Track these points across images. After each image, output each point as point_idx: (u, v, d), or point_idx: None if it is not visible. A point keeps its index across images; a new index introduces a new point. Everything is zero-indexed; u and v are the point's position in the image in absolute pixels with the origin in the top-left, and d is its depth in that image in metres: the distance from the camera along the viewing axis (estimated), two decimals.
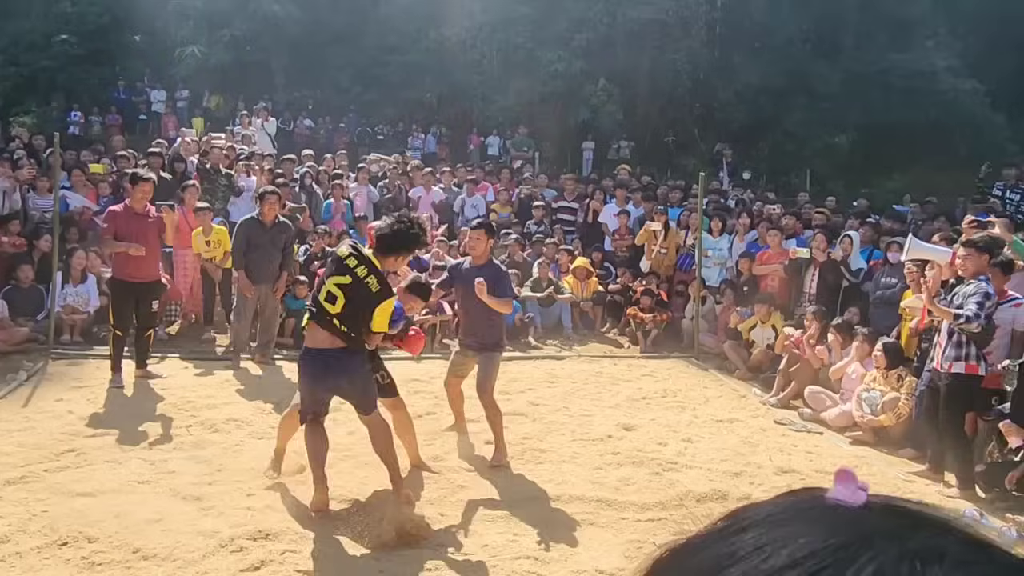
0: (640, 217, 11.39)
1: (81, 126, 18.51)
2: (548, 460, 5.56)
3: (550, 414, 6.66)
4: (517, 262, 10.44)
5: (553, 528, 4.44)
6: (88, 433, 5.64)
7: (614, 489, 5.05)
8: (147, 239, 6.90)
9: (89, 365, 7.52)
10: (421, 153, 18.17)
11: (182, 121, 18.43)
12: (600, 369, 8.52)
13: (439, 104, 21.34)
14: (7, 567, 3.68)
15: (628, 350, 9.60)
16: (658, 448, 5.91)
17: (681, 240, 10.63)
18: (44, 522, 4.14)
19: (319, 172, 12.12)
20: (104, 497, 4.50)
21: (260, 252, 7.68)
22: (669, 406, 7.16)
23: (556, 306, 10.05)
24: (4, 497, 4.46)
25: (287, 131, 18.60)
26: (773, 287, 9.20)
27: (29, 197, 9.84)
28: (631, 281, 10.49)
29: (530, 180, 13.15)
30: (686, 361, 9.06)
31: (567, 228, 11.91)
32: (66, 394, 6.61)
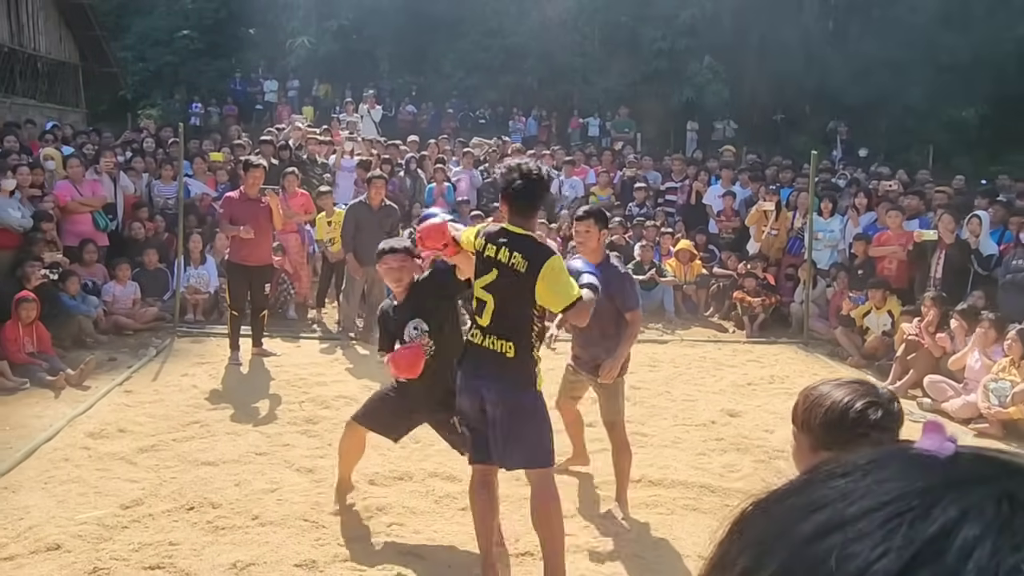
0: (747, 198, 11.04)
1: (201, 117, 19.53)
2: (650, 444, 5.50)
3: (652, 398, 6.58)
4: (618, 245, 10.32)
5: (654, 512, 4.40)
6: (210, 407, 5.98)
7: (718, 475, 4.95)
8: (259, 223, 7.22)
9: (210, 343, 7.97)
10: (522, 136, 18.21)
11: (294, 110, 19.14)
12: (704, 353, 8.34)
13: (540, 87, 21.31)
14: (142, 527, 3.96)
15: (733, 335, 9.35)
16: (764, 435, 5.74)
17: (791, 221, 10.24)
18: (173, 488, 4.44)
19: (423, 157, 12.34)
20: (225, 466, 4.77)
21: (368, 235, 7.90)
22: (776, 393, 6.93)
23: (658, 289, 9.89)
24: (138, 463, 4.80)
25: (390, 117, 19.01)
26: (890, 271, 8.74)
27: (154, 185, 10.46)
28: (737, 264, 10.21)
29: (633, 162, 12.93)
30: (795, 347, 8.74)
31: (669, 211, 11.68)
32: (190, 369, 7.04)
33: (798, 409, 1.68)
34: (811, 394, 1.66)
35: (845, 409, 1.59)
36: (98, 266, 8.79)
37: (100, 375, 6.73)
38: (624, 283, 4.24)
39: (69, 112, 17.44)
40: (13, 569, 3.53)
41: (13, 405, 5.95)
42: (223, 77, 22.12)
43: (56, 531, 3.86)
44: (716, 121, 19.31)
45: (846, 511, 0.45)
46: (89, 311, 7.95)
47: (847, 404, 1.59)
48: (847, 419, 1.58)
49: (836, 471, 0.49)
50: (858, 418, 1.57)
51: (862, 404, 1.59)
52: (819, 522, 0.45)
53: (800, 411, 1.67)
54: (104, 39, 18.51)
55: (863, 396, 1.61)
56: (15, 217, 7.93)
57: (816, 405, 1.62)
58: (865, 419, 1.57)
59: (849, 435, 1.55)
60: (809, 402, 1.65)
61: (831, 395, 1.62)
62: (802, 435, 1.66)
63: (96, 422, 5.51)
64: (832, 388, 1.64)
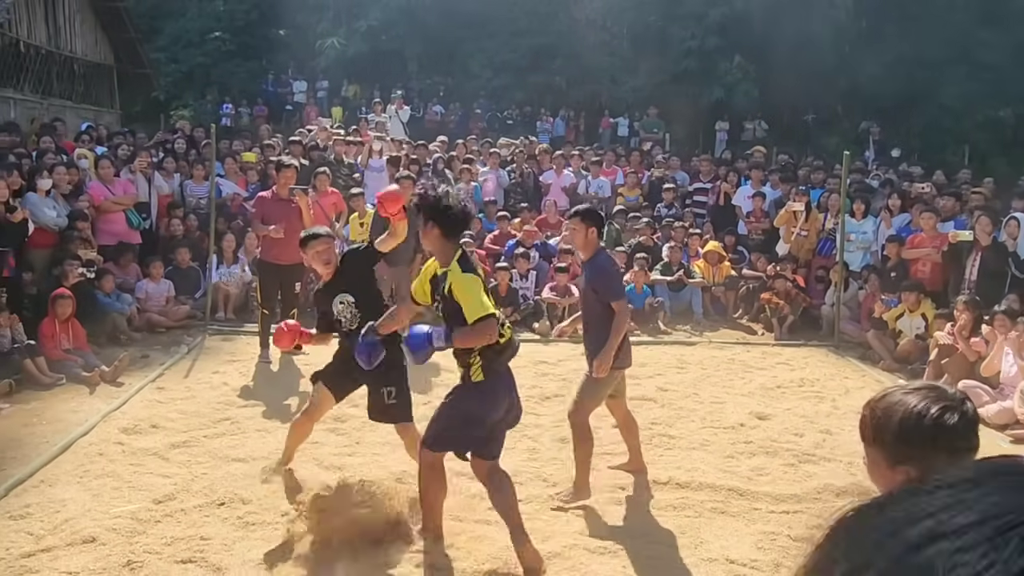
0: (777, 199, 10.92)
1: (232, 117, 19.77)
2: (677, 446, 5.47)
3: (679, 400, 6.55)
4: (647, 246, 10.28)
5: (682, 515, 4.37)
6: (240, 404, 6.06)
7: (746, 479, 4.90)
8: (290, 223, 7.28)
9: (240, 341, 8.07)
10: (549, 137, 18.19)
11: (322, 110, 19.30)
12: (732, 356, 8.28)
13: (568, 87, 21.28)
14: (174, 522, 4.03)
15: (762, 337, 9.26)
16: (794, 439, 5.68)
17: (821, 223, 10.11)
18: (204, 483, 4.50)
19: (451, 157, 12.37)
20: (255, 463, 4.82)
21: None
22: (806, 396, 6.86)
23: (686, 291, 9.83)
24: (170, 459, 4.88)
25: (418, 118, 19.09)
26: (924, 273, 8.60)
27: (186, 185, 10.61)
28: (766, 265, 10.11)
29: (662, 163, 12.86)
30: (825, 350, 8.64)
31: (698, 211, 11.60)
32: (221, 367, 7.13)
33: (866, 423, 1.59)
34: (878, 405, 1.56)
35: (920, 416, 1.49)
36: (131, 265, 8.94)
37: (133, 372, 6.85)
38: (606, 276, 4.47)
39: (104, 113, 17.74)
40: (51, 560, 3.60)
41: (49, 400, 6.08)
42: (253, 78, 22.38)
43: (91, 524, 3.93)
44: (746, 121, 19.14)
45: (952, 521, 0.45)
46: (123, 309, 8.09)
47: (922, 411, 1.50)
48: (923, 426, 1.49)
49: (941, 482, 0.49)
50: (935, 424, 1.48)
51: (937, 409, 1.49)
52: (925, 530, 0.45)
53: (869, 425, 1.58)
54: (138, 41, 18.80)
55: (937, 401, 1.51)
56: (51, 216, 8.09)
57: (887, 416, 1.53)
58: (943, 425, 1.48)
59: (928, 443, 1.48)
60: (879, 414, 1.56)
61: (903, 403, 1.53)
62: (875, 450, 1.57)
63: (130, 418, 5.61)
64: (902, 395, 1.55)
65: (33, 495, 4.31)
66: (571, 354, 8.05)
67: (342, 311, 4.47)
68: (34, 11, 15.36)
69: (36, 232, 7.83)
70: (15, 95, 14.69)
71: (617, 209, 11.43)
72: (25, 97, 15.03)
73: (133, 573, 3.52)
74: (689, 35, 19.57)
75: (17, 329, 6.70)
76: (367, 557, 3.75)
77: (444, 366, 6.09)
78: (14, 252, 7.38)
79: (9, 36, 14.43)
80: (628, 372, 7.28)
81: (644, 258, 9.77)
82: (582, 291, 4.77)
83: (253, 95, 21.41)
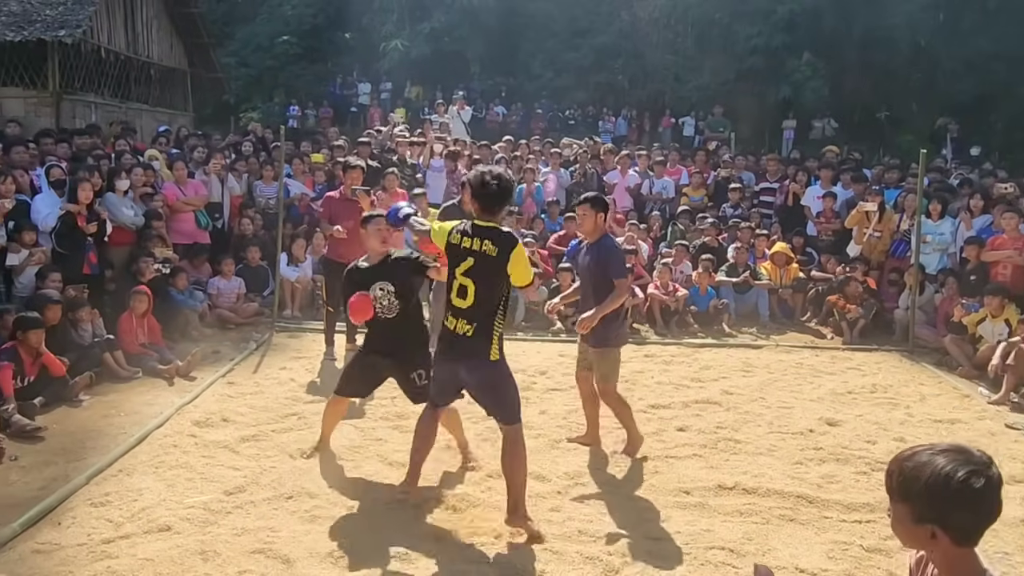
0: (848, 200, 10.59)
1: (298, 119, 20.21)
2: (743, 451, 5.35)
3: (745, 404, 6.41)
4: (712, 247, 10.11)
5: (749, 521, 4.27)
6: (307, 400, 6.17)
7: (816, 486, 4.76)
8: (355, 222, 7.38)
9: (307, 338, 8.23)
10: (612, 136, 18.06)
11: (385, 112, 19.57)
12: (800, 360, 8.07)
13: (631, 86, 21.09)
14: (244, 514, 4.12)
15: (831, 341, 9.00)
16: (866, 446, 5.50)
17: (895, 224, 9.77)
18: (272, 477, 4.60)
19: (513, 158, 12.40)
20: (321, 458, 4.91)
21: None
22: (879, 402, 6.64)
23: (752, 292, 9.63)
24: (240, 452, 5.00)
25: (480, 119, 19.18)
26: (1005, 276, 8.22)
27: (256, 186, 10.89)
28: (836, 267, 9.82)
29: (729, 163, 12.63)
30: (898, 355, 8.35)
31: (765, 212, 11.35)
32: (288, 363, 7.29)
33: (893, 479, 1.67)
34: (907, 464, 1.65)
35: (947, 478, 1.57)
36: (203, 263, 9.22)
37: (205, 366, 7.05)
38: (615, 255, 4.94)
39: (178, 116, 18.35)
40: (129, 547, 3.73)
41: (127, 393, 6.30)
42: (319, 81, 22.84)
43: (166, 513, 4.06)
44: (815, 119, 18.65)
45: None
46: (196, 305, 8.34)
47: (949, 472, 1.57)
48: (949, 488, 1.57)
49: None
50: (961, 487, 1.56)
51: (964, 473, 1.57)
52: None
53: (897, 481, 1.66)
54: (211, 46, 19.39)
55: (965, 464, 1.58)
56: (128, 215, 8.40)
57: (915, 475, 1.62)
58: (968, 488, 1.56)
59: (953, 504, 1.57)
60: (907, 471, 1.64)
61: (931, 464, 1.60)
62: (901, 506, 1.66)
63: (202, 411, 5.78)
64: (930, 456, 1.62)
65: (112, 483, 4.47)
66: (633, 355, 7.98)
67: (381, 297, 4.57)
68: (114, 19, 15.99)
69: (115, 231, 8.14)
70: (96, 99, 15.32)
71: (682, 209, 11.28)
72: (105, 101, 15.66)
73: (206, 562, 3.61)
74: (756, 32, 19.17)
75: (98, 324, 6.97)
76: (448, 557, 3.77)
77: None
78: (95, 250, 7.68)
79: (90, 43, 15.05)
80: (691, 375, 7.25)
81: (709, 259, 9.61)
82: (584, 271, 5.10)
83: (319, 97, 21.84)
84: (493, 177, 3.85)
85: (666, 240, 10.81)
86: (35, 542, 3.76)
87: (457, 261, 3.89)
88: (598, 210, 4.90)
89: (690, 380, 7.12)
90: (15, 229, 7.13)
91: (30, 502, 4.16)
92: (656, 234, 11.08)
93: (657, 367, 7.58)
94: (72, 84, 14.54)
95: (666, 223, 11.33)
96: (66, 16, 14.24)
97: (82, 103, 14.83)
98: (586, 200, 4.97)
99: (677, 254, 9.87)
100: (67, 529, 3.92)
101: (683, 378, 7.17)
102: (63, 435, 5.33)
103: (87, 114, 14.73)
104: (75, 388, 6.07)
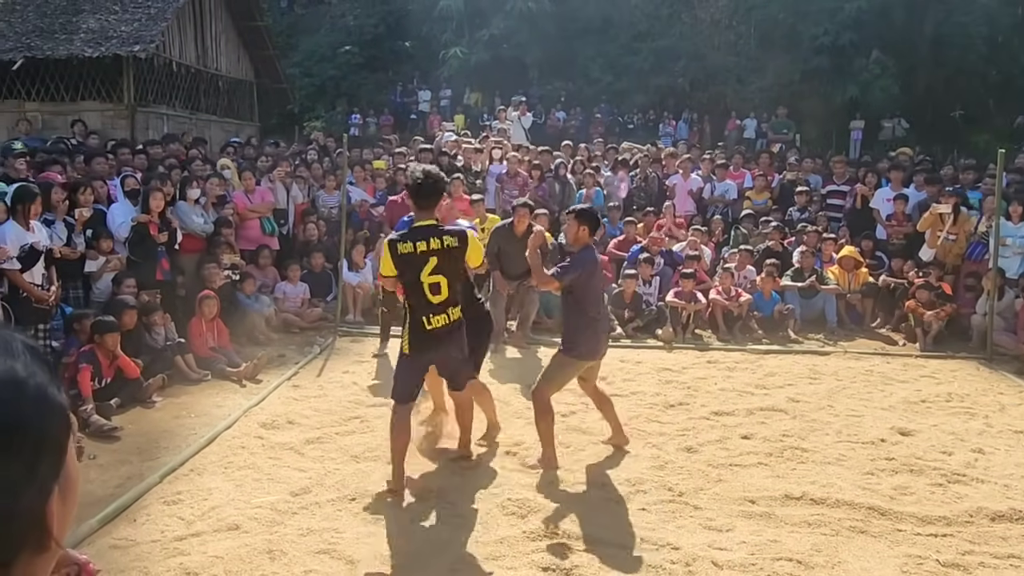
0: (920, 202, 10.21)
1: (360, 127, 20.56)
2: (811, 460, 5.21)
3: (812, 412, 6.23)
4: (776, 251, 9.89)
5: (817, 532, 4.14)
6: (369, 403, 6.25)
7: (888, 497, 4.60)
8: None
9: (369, 342, 8.34)
10: (672, 140, 17.85)
11: (445, 119, 19.76)
12: (870, 367, 7.81)
13: (691, 89, 20.83)
14: (309, 514, 4.20)
15: (904, 348, 8.70)
16: (942, 457, 5.28)
17: (972, 226, 9.39)
18: (337, 479, 4.67)
19: (573, 162, 12.36)
20: (384, 461, 4.95)
21: (510, 259, 8.05)
22: (955, 411, 6.38)
23: (819, 298, 9.37)
24: (305, 454, 5.10)
25: (539, 124, 19.20)
26: None
27: (319, 196, 11.11)
28: (908, 271, 9.49)
29: (795, 165, 12.34)
30: (975, 362, 8.01)
31: (832, 215, 11.04)
32: (351, 367, 7.40)
33: None
34: None
35: None
36: (270, 268, 9.45)
37: (271, 370, 7.21)
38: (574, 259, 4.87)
39: (245, 126, 18.89)
40: (200, 544, 3.83)
41: (197, 395, 6.49)
42: (380, 89, 23.21)
43: (235, 513, 4.16)
44: (884, 119, 18.09)
45: None
46: (262, 309, 8.54)
47: None
48: None
49: None
50: None
51: None
52: None
53: None
54: (276, 57, 19.91)
55: None
56: (198, 223, 8.66)
57: None
58: None
59: None
60: None
61: None
62: None
63: (268, 413, 5.91)
64: None
65: (184, 483, 4.61)
66: (695, 361, 7.86)
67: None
68: (185, 33, 16.57)
69: (185, 238, 8.41)
70: (168, 111, 15.89)
71: (745, 213, 11.07)
72: (176, 113, 16.23)
73: (273, 560, 3.69)
74: (821, 31, 18.71)
75: (170, 328, 7.20)
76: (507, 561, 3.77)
77: None
78: (167, 257, 7.95)
79: (163, 57, 15.62)
80: (755, 382, 7.10)
81: (774, 264, 9.40)
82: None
83: (380, 105, 22.19)
84: (422, 173, 4.22)
85: (728, 244, 10.61)
86: (112, 538, 3.90)
87: (419, 267, 4.20)
88: (582, 223, 4.95)
89: (754, 387, 6.97)
90: (93, 237, 7.44)
91: (107, 499, 4.32)
92: (718, 238, 10.89)
93: (720, 373, 7.44)
94: (145, 97, 15.11)
95: (728, 227, 11.13)
96: (140, 32, 14.81)
97: (155, 115, 15.40)
98: (571, 212, 5.12)
99: (740, 259, 9.69)
100: (142, 526, 4.05)
101: (747, 385, 7.02)
102: (137, 435, 5.52)
103: (159, 125, 15.28)
104: (149, 390, 6.28)
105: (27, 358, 0.77)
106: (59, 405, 0.79)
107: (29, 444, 0.73)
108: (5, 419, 0.72)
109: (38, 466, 0.75)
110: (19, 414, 0.73)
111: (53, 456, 0.77)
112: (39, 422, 0.75)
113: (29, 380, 0.76)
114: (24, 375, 0.75)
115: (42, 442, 0.75)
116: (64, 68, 14.42)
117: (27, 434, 0.73)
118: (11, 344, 0.78)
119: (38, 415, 0.75)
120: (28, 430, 0.74)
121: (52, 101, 14.54)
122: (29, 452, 0.73)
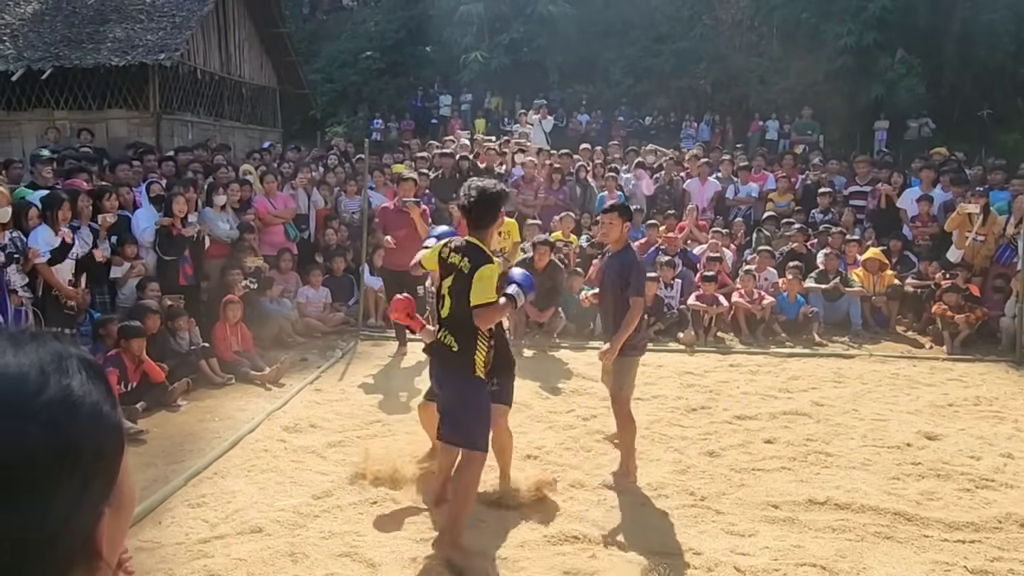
0: (946, 203, 10.08)
1: (381, 132, 20.66)
2: (835, 465, 5.15)
3: (837, 416, 6.16)
4: (799, 253, 9.80)
5: (842, 538, 4.10)
6: (390, 407, 6.28)
7: (914, 503, 4.54)
8: (407, 232, 7.66)
9: (389, 346, 8.38)
10: (694, 142, 17.74)
11: (466, 123, 19.78)
12: (896, 370, 7.71)
13: (713, 90, 20.69)
14: (331, 517, 4.22)
15: (930, 351, 8.57)
16: (969, 462, 5.20)
17: (1001, 227, 9.23)
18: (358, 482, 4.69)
19: (594, 165, 12.34)
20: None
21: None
22: (983, 416, 6.28)
23: (843, 300, 9.27)
24: (327, 457, 5.13)
25: (560, 127, 19.16)
26: None
27: (341, 200, 11.19)
28: (935, 273, 9.35)
29: (818, 166, 12.22)
30: (1004, 365, 7.88)
31: (858, 216, 10.92)
32: (372, 371, 7.44)
33: None
34: None
35: None
36: (292, 273, 9.51)
37: (293, 374, 7.27)
38: (638, 270, 4.75)
39: (268, 132, 19.05)
40: (223, 547, 3.87)
41: (221, 398, 6.56)
42: (401, 94, 23.29)
43: (258, 515, 4.20)
44: (910, 119, 17.85)
45: None
46: (285, 314, 8.61)
47: None
48: None
49: None
50: None
51: None
52: None
53: None
54: (298, 64, 20.07)
55: None
56: (224, 229, 8.75)
57: None
58: None
59: None
60: None
61: None
62: None
63: (290, 417, 5.95)
64: None
65: (208, 486, 4.66)
66: (717, 365, 7.81)
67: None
68: (209, 41, 16.76)
69: (211, 244, 8.50)
70: (192, 118, 16.07)
71: (767, 215, 10.98)
72: (200, 120, 16.41)
73: (295, 563, 3.71)
74: (845, 31, 18.50)
75: (194, 332, 7.29)
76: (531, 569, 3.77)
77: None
78: (190, 262, 8.04)
79: (187, 65, 15.81)
80: (779, 385, 7.05)
81: (797, 266, 9.31)
82: (606, 282, 4.92)
83: (401, 110, 22.27)
84: (475, 189, 3.86)
85: (751, 247, 10.53)
86: (138, 540, 3.95)
87: (445, 275, 3.99)
88: (625, 219, 4.81)
89: (777, 390, 6.91)
90: (118, 243, 7.55)
91: None
92: (740, 241, 10.81)
93: (743, 377, 7.39)
94: (170, 104, 15.29)
95: (751, 229, 11.05)
96: (165, 40, 14.99)
97: (180, 122, 15.58)
98: (613, 208, 4.85)
99: (760, 260, 9.61)
100: (167, 528, 4.10)
101: (770, 388, 6.96)
102: (163, 438, 5.59)
103: (184, 132, 15.47)
104: (174, 393, 6.35)
105: (83, 376, 0.74)
106: (114, 424, 0.75)
107: (81, 468, 0.70)
108: (58, 443, 0.68)
109: (89, 488, 0.71)
110: (73, 438, 0.70)
111: (106, 477, 0.74)
112: (93, 444, 0.71)
113: (85, 399, 0.72)
114: (80, 394, 0.72)
115: (95, 464, 0.72)
116: (91, 77, 14.64)
117: (80, 457, 0.70)
118: (66, 361, 0.74)
119: (93, 437, 0.71)
120: (81, 453, 0.70)
121: (80, 110, 14.76)
122: (81, 476, 0.70)
